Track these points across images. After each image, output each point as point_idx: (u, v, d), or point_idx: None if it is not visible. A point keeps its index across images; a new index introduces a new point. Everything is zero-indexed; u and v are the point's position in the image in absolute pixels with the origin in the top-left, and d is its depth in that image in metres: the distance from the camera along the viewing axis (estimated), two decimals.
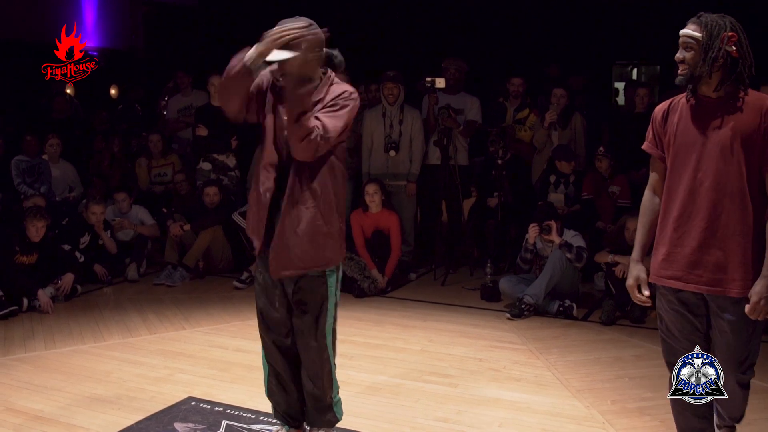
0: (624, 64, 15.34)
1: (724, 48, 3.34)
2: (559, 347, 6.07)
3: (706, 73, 3.37)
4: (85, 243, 8.01)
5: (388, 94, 8.18)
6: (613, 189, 7.99)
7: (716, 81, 3.40)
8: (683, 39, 3.43)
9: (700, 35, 3.37)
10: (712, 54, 3.34)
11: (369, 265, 7.72)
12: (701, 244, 3.47)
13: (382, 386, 5.24)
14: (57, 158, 9.21)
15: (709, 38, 3.35)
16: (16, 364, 5.69)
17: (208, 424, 4.57)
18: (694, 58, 3.39)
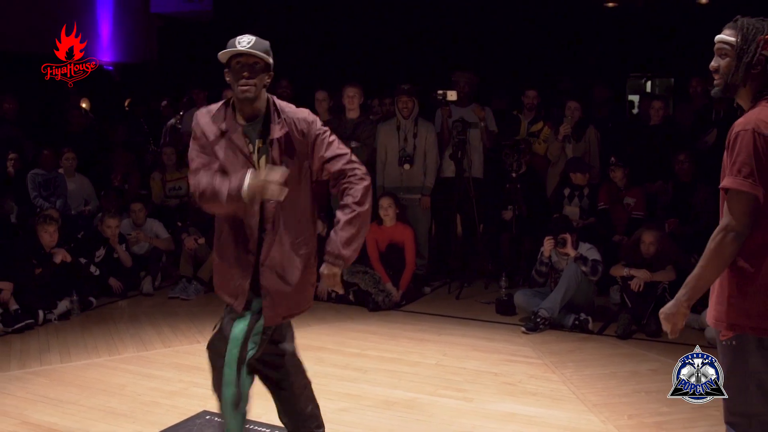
0: (638, 76, 15.33)
1: (760, 52, 3.00)
2: (574, 361, 6.03)
3: (741, 81, 3.03)
4: (101, 256, 8.04)
5: (402, 108, 8.19)
6: (628, 201, 7.96)
7: (752, 91, 3.06)
8: (718, 45, 3.11)
9: (735, 39, 3.04)
10: (746, 59, 3.01)
11: (383, 279, 7.71)
12: None
13: (397, 400, 5.22)
14: (73, 172, 9.25)
15: (743, 42, 3.02)
16: (31, 377, 5.71)
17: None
18: (728, 65, 3.05)
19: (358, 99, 8.35)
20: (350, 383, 5.55)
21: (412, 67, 12.38)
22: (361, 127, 8.31)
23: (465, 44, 12.81)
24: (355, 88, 8.36)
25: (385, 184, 8.28)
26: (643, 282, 6.68)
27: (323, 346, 6.33)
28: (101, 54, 14.11)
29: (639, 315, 6.68)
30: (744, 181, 2.93)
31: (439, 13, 13.25)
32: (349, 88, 8.34)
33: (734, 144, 2.99)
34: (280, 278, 3.63)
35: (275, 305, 3.64)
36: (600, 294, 7.42)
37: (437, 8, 13.18)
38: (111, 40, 14.28)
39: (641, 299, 6.69)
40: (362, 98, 8.42)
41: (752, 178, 2.93)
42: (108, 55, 14.27)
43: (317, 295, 7.86)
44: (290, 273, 3.64)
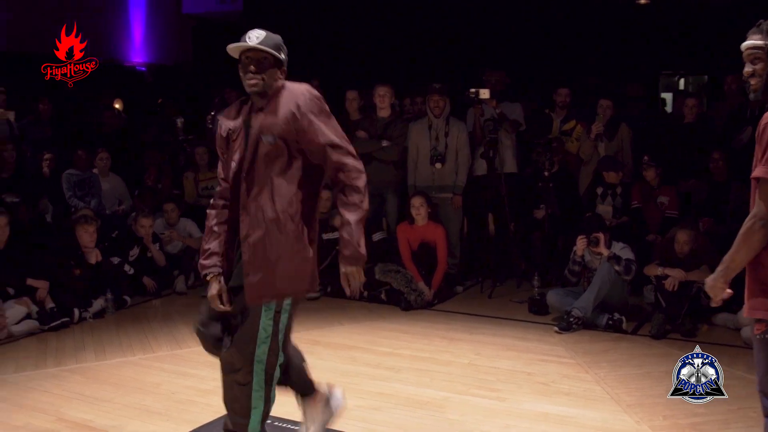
0: (671, 74, 15.19)
1: None
2: (608, 361, 5.99)
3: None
4: (135, 256, 8.11)
5: (434, 107, 8.17)
6: (662, 199, 7.90)
7: None
8: (748, 51, 3.20)
9: (765, 43, 3.14)
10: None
11: (415, 278, 7.70)
12: None
13: (429, 399, 5.22)
14: (107, 172, 9.34)
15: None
16: (67, 375, 5.77)
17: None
18: (763, 68, 3.15)
19: (389, 98, 8.35)
20: (382, 382, 5.55)
21: (444, 66, 12.36)
22: (392, 126, 8.31)
23: (496, 43, 12.76)
24: (386, 87, 8.36)
25: (416, 183, 8.27)
26: (677, 281, 6.62)
27: (355, 345, 6.34)
28: (134, 55, 14.25)
29: (673, 315, 6.62)
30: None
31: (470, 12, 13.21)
32: (380, 87, 8.35)
33: (763, 135, 3.08)
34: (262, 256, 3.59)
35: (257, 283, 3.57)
36: (634, 293, 7.36)
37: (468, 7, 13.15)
38: (143, 42, 14.40)
39: (675, 299, 6.62)
40: (393, 97, 8.42)
41: None
42: (141, 56, 14.40)
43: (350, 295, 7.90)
44: (272, 251, 3.58)
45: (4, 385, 5.53)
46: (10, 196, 8.17)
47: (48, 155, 9.05)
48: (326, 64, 12.88)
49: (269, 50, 3.60)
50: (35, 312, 6.94)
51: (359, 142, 8.32)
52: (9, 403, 5.18)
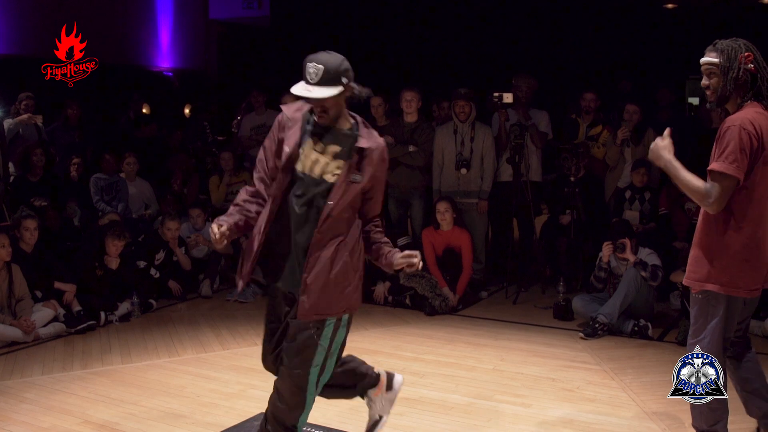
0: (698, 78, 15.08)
1: (742, 67, 3.73)
2: (634, 367, 5.95)
3: (729, 92, 3.80)
4: (161, 259, 8.16)
5: (459, 112, 8.16)
6: (689, 206, 7.83)
7: (738, 98, 3.82)
8: (704, 67, 3.86)
9: (719, 60, 3.78)
10: (732, 75, 3.75)
11: (440, 283, 7.69)
12: None
13: (454, 405, 5.21)
14: (134, 176, 9.41)
15: (727, 61, 3.75)
16: (93, 377, 5.81)
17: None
18: (718, 82, 3.81)
19: (416, 103, 8.34)
20: (407, 387, 5.50)
21: (471, 71, 12.36)
22: (418, 131, 8.30)
23: (523, 47, 12.74)
24: (412, 92, 8.35)
25: (442, 188, 8.26)
26: None
27: (379, 350, 6.33)
28: (161, 60, 14.34)
29: None
30: (729, 166, 3.75)
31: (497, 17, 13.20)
32: (407, 92, 8.34)
33: (723, 137, 3.79)
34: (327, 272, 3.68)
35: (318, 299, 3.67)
36: (660, 300, 7.31)
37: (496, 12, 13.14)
38: (170, 47, 14.49)
39: None
40: (420, 102, 8.41)
41: (736, 164, 3.74)
42: (167, 61, 14.48)
43: (374, 299, 7.90)
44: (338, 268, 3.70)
45: (31, 387, 5.58)
46: (38, 200, 8.24)
47: (76, 159, 9.13)
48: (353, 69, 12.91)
49: (327, 97, 3.63)
50: (62, 315, 7.00)
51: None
52: (36, 405, 5.23)
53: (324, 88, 3.61)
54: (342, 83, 3.66)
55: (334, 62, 3.65)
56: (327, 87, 3.61)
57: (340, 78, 3.65)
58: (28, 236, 7.15)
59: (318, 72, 3.61)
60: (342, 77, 3.66)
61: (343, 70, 3.67)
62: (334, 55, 3.69)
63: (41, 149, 8.68)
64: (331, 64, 3.64)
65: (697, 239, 4.04)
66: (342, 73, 3.66)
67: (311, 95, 3.61)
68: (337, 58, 3.68)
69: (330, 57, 3.66)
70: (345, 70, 3.68)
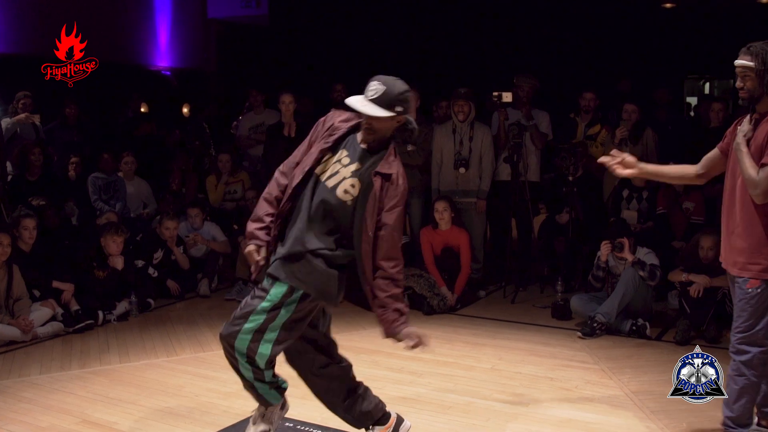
0: (696, 78, 15.10)
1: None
2: (632, 367, 5.96)
3: (762, 93, 4.04)
4: (159, 258, 8.15)
5: (458, 112, 8.16)
6: (687, 205, 7.85)
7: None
8: (739, 70, 4.09)
9: (754, 64, 4.02)
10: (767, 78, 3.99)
11: (438, 283, 7.69)
12: None
13: (452, 404, 5.21)
14: (132, 175, 9.41)
15: (762, 64, 3.99)
16: (91, 377, 5.81)
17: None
18: (752, 84, 4.05)
19: (415, 102, 8.33)
20: (405, 386, 5.55)
21: (471, 70, 12.36)
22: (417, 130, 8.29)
23: (523, 47, 12.75)
24: (412, 91, 8.31)
25: (440, 187, 8.26)
26: (702, 288, 6.57)
27: (378, 350, 6.33)
28: (159, 59, 14.34)
29: (698, 321, 6.56)
30: None
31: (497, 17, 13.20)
32: None
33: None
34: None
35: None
36: (658, 299, 7.32)
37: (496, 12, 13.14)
38: (169, 46, 14.49)
39: (700, 305, 6.56)
40: (419, 101, 8.41)
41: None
42: (166, 60, 14.49)
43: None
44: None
45: (29, 387, 5.58)
46: (36, 199, 8.24)
47: (74, 159, 9.14)
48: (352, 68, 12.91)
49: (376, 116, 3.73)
50: (60, 314, 7.00)
51: None
52: (34, 404, 5.23)
53: (377, 107, 3.70)
54: (395, 111, 3.75)
55: (395, 88, 3.76)
56: (380, 108, 3.71)
57: (395, 105, 3.75)
58: (26, 235, 7.15)
59: (377, 91, 3.72)
60: (397, 105, 3.76)
61: (401, 98, 3.77)
62: (400, 82, 3.79)
63: (39, 148, 8.70)
64: (392, 89, 3.74)
65: (745, 230, 4.14)
66: (399, 101, 3.76)
67: (363, 109, 3.72)
68: (401, 87, 3.78)
69: (395, 82, 3.77)
70: (403, 100, 3.78)
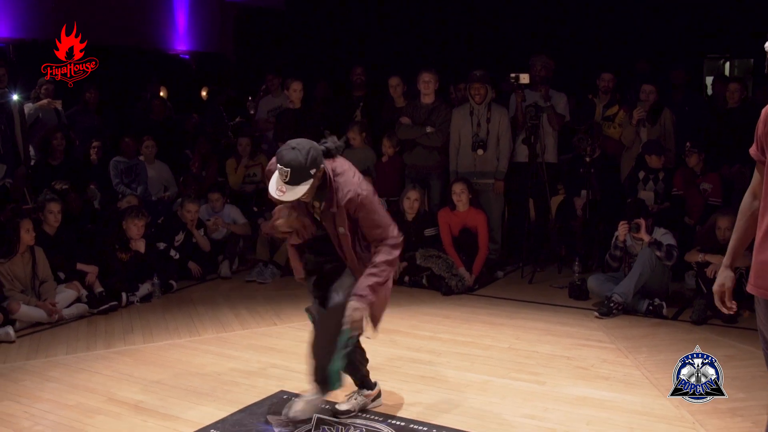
0: (716, 57, 14.99)
1: None
2: (648, 346, 6.01)
3: None
4: (180, 241, 8.25)
5: (475, 94, 8.18)
6: (705, 186, 7.84)
7: None
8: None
9: None
10: None
11: (456, 263, 7.75)
12: None
13: (470, 383, 5.28)
14: (152, 159, 9.50)
15: None
16: (116, 356, 5.92)
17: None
18: None
19: (434, 84, 8.39)
20: (424, 365, 5.62)
21: (489, 52, 12.35)
22: (436, 112, 8.35)
23: (541, 28, 12.71)
24: (430, 73, 8.39)
25: (458, 169, 8.31)
26: (718, 269, 6.57)
27: (397, 329, 6.41)
28: (177, 43, 14.41)
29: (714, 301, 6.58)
30: None
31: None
32: (424, 73, 8.38)
33: None
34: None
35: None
36: (675, 279, 7.33)
37: None
38: (187, 30, 14.56)
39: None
40: (437, 83, 8.45)
41: None
42: (184, 44, 14.56)
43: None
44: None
45: (56, 366, 5.70)
46: (59, 183, 8.35)
47: (96, 143, 9.24)
48: (370, 51, 12.93)
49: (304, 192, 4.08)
50: (84, 296, 7.12)
51: (403, 129, 8.39)
52: (61, 383, 5.34)
53: (295, 187, 4.02)
54: (310, 176, 4.03)
55: (299, 160, 3.99)
56: (298, 186, 4.02)
57: (308, 172, 4.02)
58: (52, 219, 7.26)
59: (287, 173, 4.00)
60: (310, 170, 4.03)
61: (309, 164, 4.02)
62: (297, 149, 4.02)
63: (61, 133, 8.79)
64: (297, 163, 3.98)
65: None
66: (309, 167, 4.02)
67: (287, 198, 4.06)
68: (302, 153, 4.01)
69: (296, 155, 4.01)
70: (312, 163, 4.03)
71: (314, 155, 4.06)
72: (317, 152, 4.10)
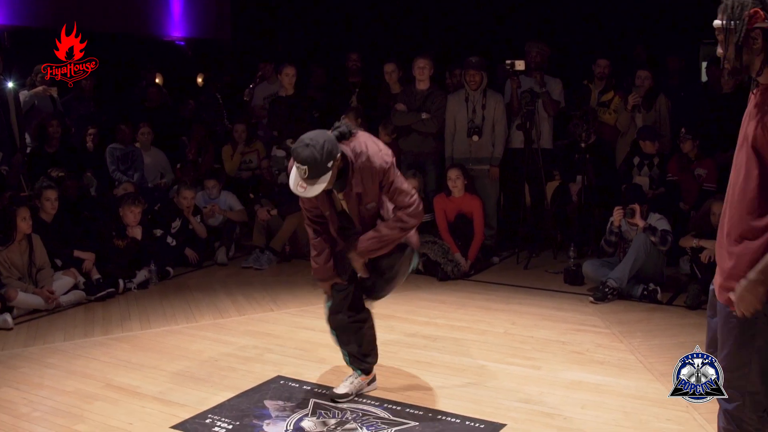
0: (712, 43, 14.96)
1: (755, 27, 2.75)
2: (642, 331, 6.04)
3: (745, 61, 2.83)
4: (176, 228, 8.27)
5: (470, 81, 8.19)
6: (699, 171, 7.87)
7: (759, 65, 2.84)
8: (716, 33, 2.91)
9: (721, 23, 2.84)
10: (737, 39, 2.78)
11: (452, 249, 7.78)
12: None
13: (466, 368, 5.32)
14: (149, 146, 9.51)
15: (728, 23, 2.80)
16: (114, 343, 5.96)
17: (296, 402, 4.72)
18: (727, 49, 2.85)
19: (429, 70, 8.39)
20: (420, 350, 5.66)
21: (484, 38, 12.33)
22: (431, 98, 8.36)
23: (536, 14, 12.69)
24: (425, 59, 8.39)
25: (454, 155, 8.32)
26: (712, 254, 6.63)
27: (393, 315, 6.44)
28: (173, 29, 14.37)
29: (709, 286, 6.61)
30: None
31: None
32: (419, 59, 8.39)
33: None
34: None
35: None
36: (670, 265, 7.37)
37: None
38: (182, 16, 14.51)
39: (711, 270, 6.60)
40: (432, 69, 8.46)
41: None
42: (179, 30, 14.51)
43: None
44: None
45: (54, 353, 5.72)
46: (55, 170, 8.35)
47: (92, 130, 9.24)
48: (366, 37, 12.91)
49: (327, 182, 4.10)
50: (81, 283, 7.14)
51: (399, 115, 8.40)
52: (59, 370, 5.37)
53: (317, 181, 4.04)
54: (329, 167, 4.03)
55: (315, 154, 3.98)
56: (319, 180, 4.03)
57: (327, 165, 4.02)
58: (49, 206, 7.28)
59: (306, 170, 4.00)
60: (328, 162, 4.02)
61: (326, 158, 4.01)
62: (312, 145, 4.01)
63: (57, 120, 8.79)
64: (314, 158, 3.98)
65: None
66: (327, 159, 4.02)
67: (309, 194, 4.09)
68: (317, 149, 3.99)
69: (312, 151, 3.99)
70: (328, 155, 4.02)
71: (329, 148, 4.02)
72: (332, 144, 4.06)
